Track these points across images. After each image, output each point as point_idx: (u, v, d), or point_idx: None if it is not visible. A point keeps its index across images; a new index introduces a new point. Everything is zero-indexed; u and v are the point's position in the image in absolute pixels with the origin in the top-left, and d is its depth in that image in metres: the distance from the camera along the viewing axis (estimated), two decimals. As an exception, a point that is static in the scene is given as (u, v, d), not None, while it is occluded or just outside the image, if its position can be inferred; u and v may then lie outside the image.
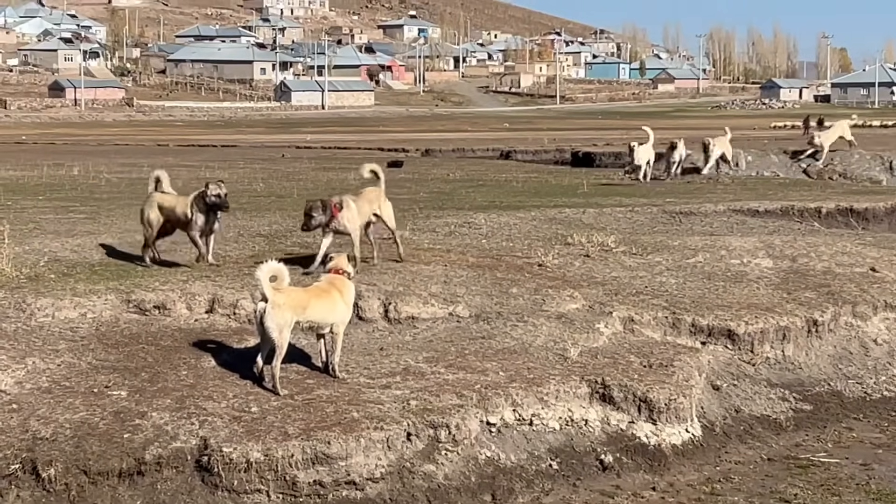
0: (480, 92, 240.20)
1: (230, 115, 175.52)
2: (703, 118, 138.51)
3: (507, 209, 23.06)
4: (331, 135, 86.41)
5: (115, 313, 14.17)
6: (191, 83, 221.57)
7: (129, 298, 14.44)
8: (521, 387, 12.52)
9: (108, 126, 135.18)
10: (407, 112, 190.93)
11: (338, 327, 12.46)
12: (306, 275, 15.31)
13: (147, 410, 11.47)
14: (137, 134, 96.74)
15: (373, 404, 11.77)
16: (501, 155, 53.42)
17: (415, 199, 25.65)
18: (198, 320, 14.05)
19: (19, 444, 10.89)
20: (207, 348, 13.23)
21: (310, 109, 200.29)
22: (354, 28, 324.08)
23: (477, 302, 15.17)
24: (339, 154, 55.65)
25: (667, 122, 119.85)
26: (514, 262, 17.42)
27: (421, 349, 13.68)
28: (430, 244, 18.44)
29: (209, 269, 15.63)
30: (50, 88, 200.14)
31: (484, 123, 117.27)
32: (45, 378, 12.28)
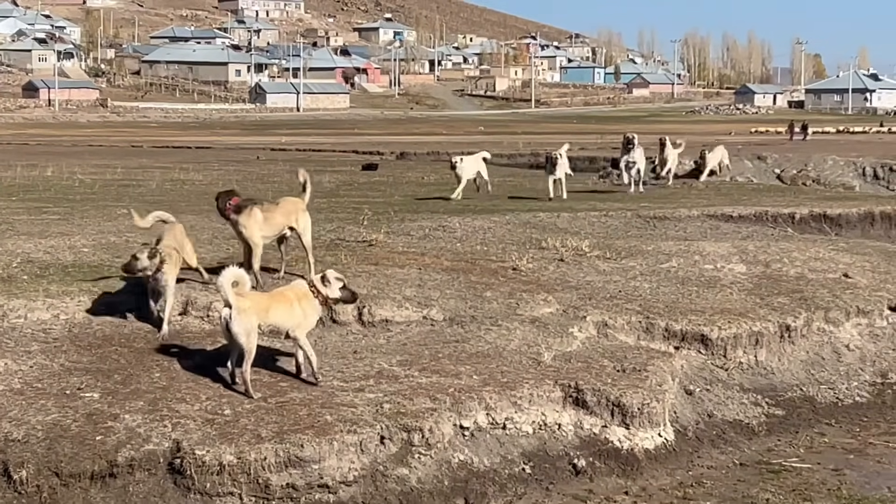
0: (456, 95, 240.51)
1: (205, 117, 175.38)
2: (677, 123, 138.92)
3: (481, 213, 23.08)
4: (306, 137, 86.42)
5: (88, 315, 14.12)
6: (165, 84, 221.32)
7: (102, 300, 14.38)
8: (494, 390, 12.52)
9: (82, 127, 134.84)
10: (382, 115, 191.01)
11: (295, 332, 12.39)
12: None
13: (119, 413, 11.44)
14: (112, 135, 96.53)
15: (346, 407, 11.75)
16: (476, 158, 53.39)
17: (389, 203, 25.67)
18: (171, 322, 14.00)
19: (-9, 445, 10.84)
20: (181, 350, 13.19)
21: (285, 112, 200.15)
22: (330, 30, 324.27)
23: (451, 305, 15.18)
24: (314, 156, 55.63)
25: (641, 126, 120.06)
26: (489, 265, 17.43)
27: (395, 352, 13.67)
28: (404, 247, 18.44)
29: (182, 272, 15.58)
30: (23, 89, 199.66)
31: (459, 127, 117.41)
32: (17, 379, 12.23)
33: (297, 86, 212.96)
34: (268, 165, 45.30)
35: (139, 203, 24.63)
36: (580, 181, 35.15)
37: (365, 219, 20.49)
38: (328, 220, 21.15)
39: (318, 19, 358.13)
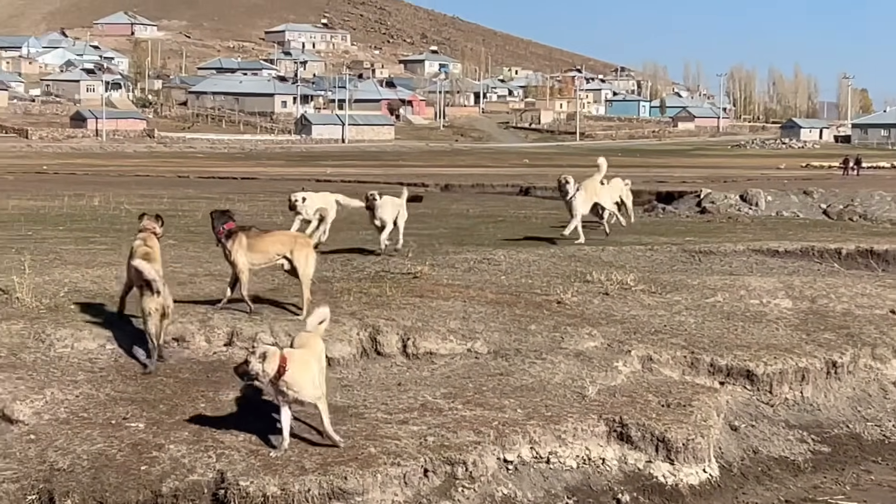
0: (500, 128, 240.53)
1: (250, 148, 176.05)
2: (722, 157, 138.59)
3: (526, 246, 23.07)
4: (351, 168, 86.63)
5: (135, 345, 14.17)
6: (212, 115, 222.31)
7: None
8: (538, 424, 12.49)
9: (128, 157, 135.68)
10: (427, 147, 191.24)
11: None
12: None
13: (165, 443, 11.47)
14: (158, 165, 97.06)
15: (390, 440, 11.75)
16: (521, 191, 53.50)
17: (434, 235, 25.68)
18: (216, 353, 14.06)
19: (37, 474, 10.90)
20: (225, 381, 13.22)
21: (330, 143, 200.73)
22: (375, 62, 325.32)
23: (495, 338, 15.17)
24: (359, 188, 55.67)
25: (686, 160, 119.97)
26: (533, 299, 17.41)
27: (439, 385, 13.66)
28: (449, 280, 18.45)
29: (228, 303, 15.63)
30: (72, 119, 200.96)
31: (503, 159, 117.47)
32: (64, 409, 12.29)
33: (343, 117, 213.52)
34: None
35: (185, 233, 24.73)
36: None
37: (409, 251, 20.50)
38: (373, 252, 21.18)
39: (364, 51, 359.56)
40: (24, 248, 20.52)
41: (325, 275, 18.29)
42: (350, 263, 19.48)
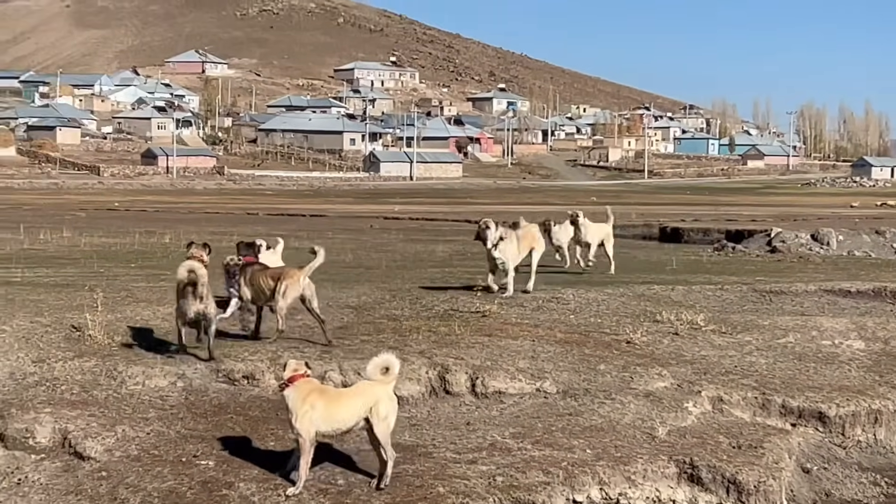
0: (568, 165, 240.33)
1: (319, 185, 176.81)
2: (793, 195, 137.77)
3: (595, 285, 22.98)
4: (419, 206, 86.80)
5: (205, 382, 14.27)
6: (281, 153, 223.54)
7: (219, 368, 14.54)
8: (608, 465, 12.43)
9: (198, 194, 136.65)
10: (494, 184, 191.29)
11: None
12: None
13: (234, 481, 11.50)
14: (228, 202, 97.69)
15: (459, 479, 11.72)
16: (588, 229, 53.28)
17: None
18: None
19: (108, 511, 10.95)
20: (295, 419, 13.23)
21: (398, 180, 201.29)
22: (444, 100, 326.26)
23: (564, 378, 15.12)
24: (426, 226, 55.84)
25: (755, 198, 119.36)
26: (602, 338, 17.35)
27: (508, 424, 13.63)
28: (517, 319, 18.41)
29: (298, 341, 15.68)
30: (143, 156, 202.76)
31: (571, 197, 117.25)
32: (135, 446, 12.36)
33: (411, 155, 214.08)
34: (381, 234, 45.56)
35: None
36: (694, 253, 34.94)
37: (478, 289, 20.50)
38: (442, 290, 21.18)
39: (433, 89, 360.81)
40: (96, 285, 20.66)
41: (395, 313, 18.32)
42: (419, 302, 19.49)
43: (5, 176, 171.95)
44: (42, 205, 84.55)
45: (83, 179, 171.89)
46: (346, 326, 17.01)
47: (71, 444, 12.52)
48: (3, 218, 59.41)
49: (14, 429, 12.87)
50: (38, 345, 15.31)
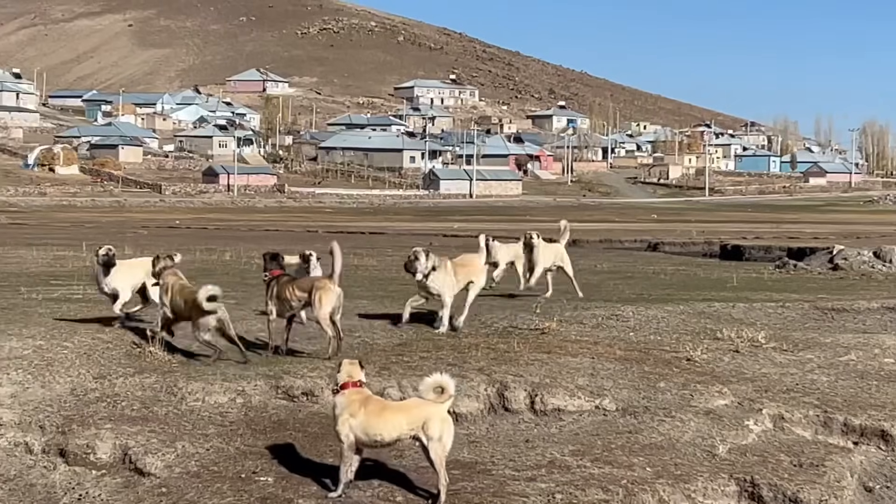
0: (628, 183, 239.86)
1: (379, 203, 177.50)
2: (854, 213, 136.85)
3: (655, 302, 22.89)
4: (478, 223, 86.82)
5: (264, 399, 14.32)
6: (341, 170, 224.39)
7: (278, 384, 14.59)
8: (668, 483, 12.36)
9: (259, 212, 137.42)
10: (554, 202, 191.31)
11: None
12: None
13: (294, 497, 11.53)
14: (288, 220, 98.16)
15: (518, 497, 11.69)
16: (649, 246, 53.23)
17: (562, 290, 25.58)
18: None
19: (167, 527, 11.00)
20: (354, 436, 13.24)
21: (458, 198, 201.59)
22: (503, 118, 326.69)
23: (624, 395, 15.05)
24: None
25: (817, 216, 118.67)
26: (662, 355, 17.27)
27: (567, 442, 13.58)
28: (577, 336, 18.36)
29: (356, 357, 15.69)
30: (204, 174, 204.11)
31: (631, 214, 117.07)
32: (194, 462, 12.42)
33: (471, 172, 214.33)
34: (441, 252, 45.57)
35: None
36: (755, 270, 34.74)
37: (538, 307, 20.46)
38: (501, 307, 21.17)
39: (493, 107, 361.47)
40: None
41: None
42: (478, 318, 19.47)
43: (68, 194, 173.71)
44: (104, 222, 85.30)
45: (145, 197, 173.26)
46: (405, 343, 17.03)
47: (131, 460, 12.60)
48: (66, 235, 59.95)
49: (75, 445, 12.97)
50: (99, 361, 15.43)
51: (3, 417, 13.59)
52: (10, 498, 12.46)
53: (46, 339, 16.19)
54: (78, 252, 38.94)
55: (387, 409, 11.71)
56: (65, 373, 14.84)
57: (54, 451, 13.08)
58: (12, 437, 13.36)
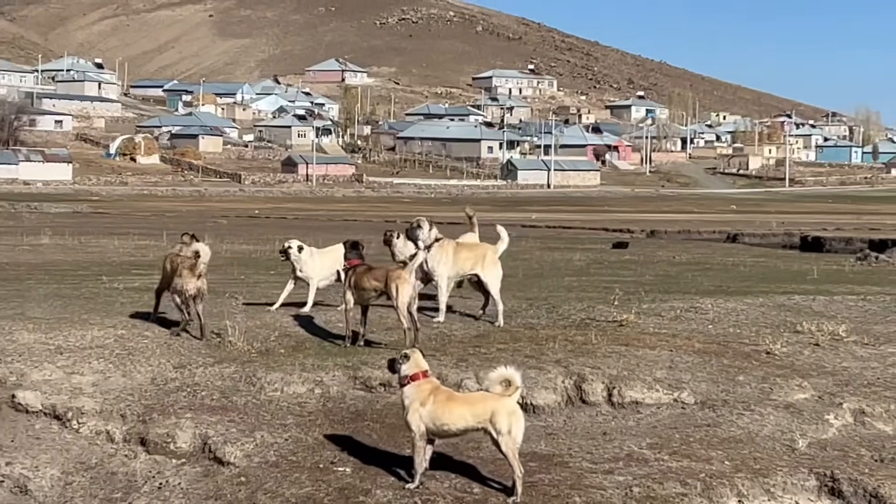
0: (707, 173, 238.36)
1: (456, 193, 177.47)
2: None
3: (734, 294, 22.72)
4: (556, 214, 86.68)
5: (342, 389, 14.38)
6: (419, 160, 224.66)
7: (356, 375, 14.64)
8: (746, 477, 12.29)
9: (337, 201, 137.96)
10: (632, 192, 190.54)
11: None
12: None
13: (371, 488, 11.57)
14: (366, 210, 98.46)
15: (595, 489, 11.67)
16: (728, 238, 52.88)
17: (640, 282, 25.49)
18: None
19: (246, 516, 11.08)
20: (432, 427, 13.27)
21: (535, 188, 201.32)
22: (582, 108, 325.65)
23: (702, 388, 14.97)
24: (563, 233, 55.77)
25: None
26: (742, 348, 17.14)
27: (644, 435, 13.54)
28: (655, 328, 18.27)
29: (433, 348, 15.72)
30: (283, 164, 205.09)
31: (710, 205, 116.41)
32: (273, 452, 12.50)
33: (548, 163, 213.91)
34: (519, 242, 45.50)
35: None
36: (836, 262, 34.43)
37: (616, 298, 20.39)
38: (579, 298, 21.11)
39: (571, 97, 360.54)
40: (236, 292, 20.96)
41: (531, 322, 18.29)
42: (556, 311, 19.44)
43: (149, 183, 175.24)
44: (184, 212, 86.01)
45: (225, 187, 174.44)
46: (482, 335, 17.02)
47: (211, 449, 12.71)
48: (147, 225, 60.51)
49: (156, 434, 13.10)
50: (179, 350, 15.56)
51: (84, 406, 13.75)
52: (92, 486, 12.61)
53: (128, 329, 16.36)
54: (159, 241, 39.27)
55: (453, 400, 11.73)
56: (145, 362, 14.99)
57: (135, 439, 13.22)
58: (94, 425, 13.51)
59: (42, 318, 16.90)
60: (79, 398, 13.91)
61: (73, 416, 13.62)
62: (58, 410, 13.71)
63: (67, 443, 13.32)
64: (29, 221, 62.78)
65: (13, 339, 15.53)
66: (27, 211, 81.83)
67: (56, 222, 61.51)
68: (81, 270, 27.03)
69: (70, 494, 12.56)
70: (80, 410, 13.67)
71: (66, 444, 13.29)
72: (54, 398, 13.89)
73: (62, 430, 13.54)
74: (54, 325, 16.39)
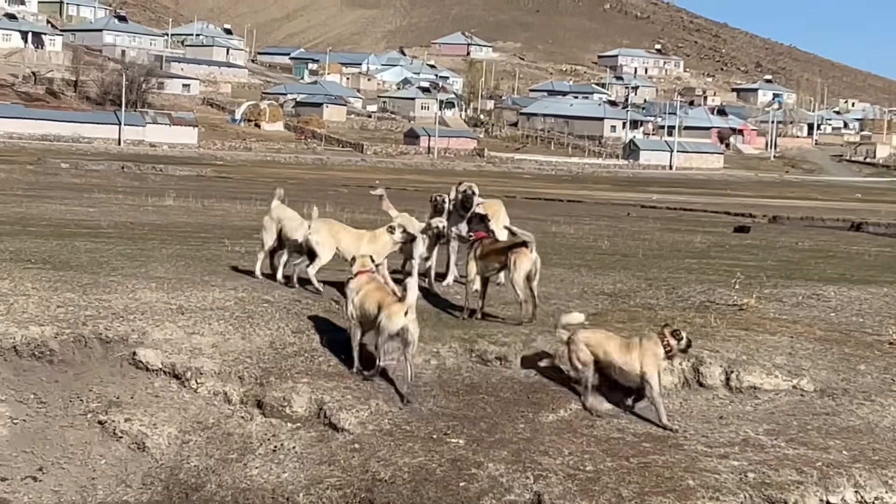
0: (833, 160, 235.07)
1: (577, 171, 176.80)
2: None
3: (857, 283, 22.37)
4: (677, 195, 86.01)
5: (458, 362, 14.38)
6: (541, 137, 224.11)
7: (472, 348, 14.63)
8: (864, 468, 12.11)
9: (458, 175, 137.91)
10: (756, 177, 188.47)
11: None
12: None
13: (483, 461, 11.57)
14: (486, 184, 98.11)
15: (709, 473, 11.58)
16: (852, 226, 52.03)
17: (762, 267, 25.19)
18: (537, 374, 14.10)
19: (359, 483, 11.16)
20: (545, 403, 13.25)
21: (657, 169, 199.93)
22: (707, 90, 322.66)
23: (822, 376, 14.76)
24: (684, 216, 55.29)
25: None
26: (864, 338, 16.88)
27: (761, 421, 13.39)
28: (775, 314, 18.05)
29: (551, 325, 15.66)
30: (405, 135, 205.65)
31: (835, 193, 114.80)
32: (387, 421, 12.54)
33: (671, 144, 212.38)
34: (638, 223, 45.26)
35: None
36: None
37: (736, 282, 20.16)
38: (699, 281, 20.90)
39: (697, 78, 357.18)
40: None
41: (650, 302, 18.16)
42: (675, 292, 19.28)
43: (272, 150, 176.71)
44: (306, 180, 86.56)
45: (347, 156, 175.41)
46: (600, 313, 16.93)
47: (326, 415, 12.79)
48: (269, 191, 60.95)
49: (272, 397, 13.21)
50: (298, 315, 15.65)
51: (204, 366, 13.90)
52: (208, 445, 12.75)
53: (248, 292, 16.48)
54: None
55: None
56: (265, 325, 15.10)
57: (252, 402, 13.35)
58: (212, 385, 13.66)
59: (164, 278, 17.09)
60: (198, 358, 14.06)
61: (192, 376, 13.77)
62: (177, 370, 13.87)
63: (185, 402, 13.48)
64: (154, 183, 63.61)
65: (136, 298, 15.72)
66: (153, 172, 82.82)
67: (180, 185, 62.28)
68: (204, 233, 27.31)
69: (186, 453, 12.72)
70: (198, 370, 13.83)
71: (184, 404, 13.45)
72: (174, 357, 14.05)
73: (181, 389, 13.70)
74: (176, 285, 16.56)
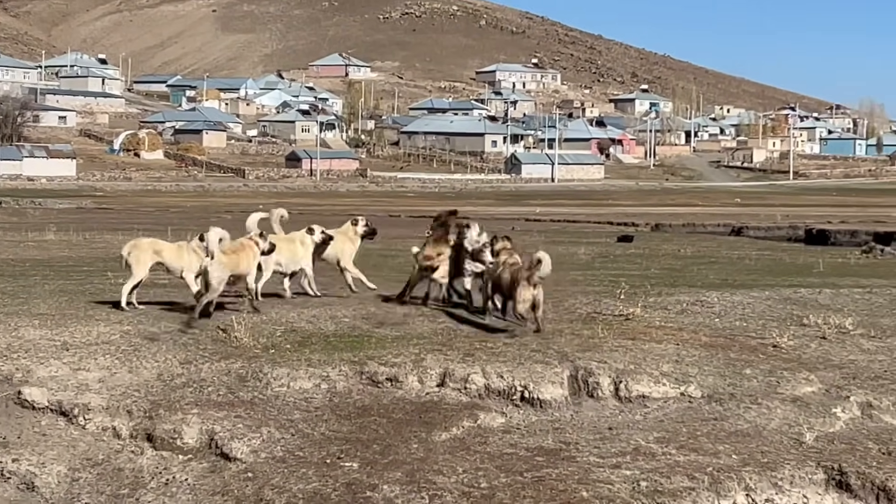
0: (712, 166, 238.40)
1: (461, 187, 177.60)
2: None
3: (740, 288, 22.68)
4: (560, 208, 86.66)
5: (349, 384, 14.35)
6: (423, 155, 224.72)
7: (363, 370, 14.61)
8: (754, 471, 12.28)
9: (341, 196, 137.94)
10: (636, 186, 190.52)
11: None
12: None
13: (378, 483, 11.56)
14: (370, 204, 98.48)
15: (602, 484, 11.66)
16: (733, 231, 52.86)
17: (646, 276, 25.47)
18: (429, 394, 14.12)
19: (254, 512, 11.07)
20: (437, 422, 13.27)
21: (539, 182, 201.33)
22: (586, 101, 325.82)
23: (709, 382, 14.94)
24: (568, 227, 55.76)
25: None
26: (748, 342, 17.11)
27: (651, 429, 13.51)
28: (661, 322, 18.23)
29: (440, 343, 15.68)
30: (287, 159, 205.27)
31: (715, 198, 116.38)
32: (280, 447, 12.48)
33: (552, 156, 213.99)
34: (522, 236, 45.42)
35: (397, 273, 24.93)
36: (841, 255, 34.40)
37: (622, 292, 20.34)
38: (584, 293, 21.05)
39: (575, 90, 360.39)
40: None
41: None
42: (561, 305, 19.39)
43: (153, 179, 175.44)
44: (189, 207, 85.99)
45: (228, 182, 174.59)
46: (490, 329, 16.99)
47: (217, 444, 12.69)
48: (151, 220, 60.53)
49: (162, 430, 13.08)
50: (185, 346, 15.53)
51: (91, 402, 13.73)
52: (99, 482, 12.60)
53: (133, 325, 16.33)
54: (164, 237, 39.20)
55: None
56: (151, 358, 14.96)
57: (142, 435, 13.21)
58: (100, 421, 13.50)
59: (48, 314, 16.88)
60: (85, 394, 13.89)
61: (80, 413, 13.60)
62: (64, 407, 13.69)
63: (74, 439, 13.30)
64: (33, 217, 62.83)
65: (19, 336, 15.51)
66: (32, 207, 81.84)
67: (61, 218, 61.55)
68: (87, 266, 27.03)
69: (77, 491, 12.55)
70: (86, 406, 13.66)
71: (72, 441, 13.27)
72: (60, 394, 13.87)
73: (68, 426, 13.52)
74: (60, 321, 16.37)
